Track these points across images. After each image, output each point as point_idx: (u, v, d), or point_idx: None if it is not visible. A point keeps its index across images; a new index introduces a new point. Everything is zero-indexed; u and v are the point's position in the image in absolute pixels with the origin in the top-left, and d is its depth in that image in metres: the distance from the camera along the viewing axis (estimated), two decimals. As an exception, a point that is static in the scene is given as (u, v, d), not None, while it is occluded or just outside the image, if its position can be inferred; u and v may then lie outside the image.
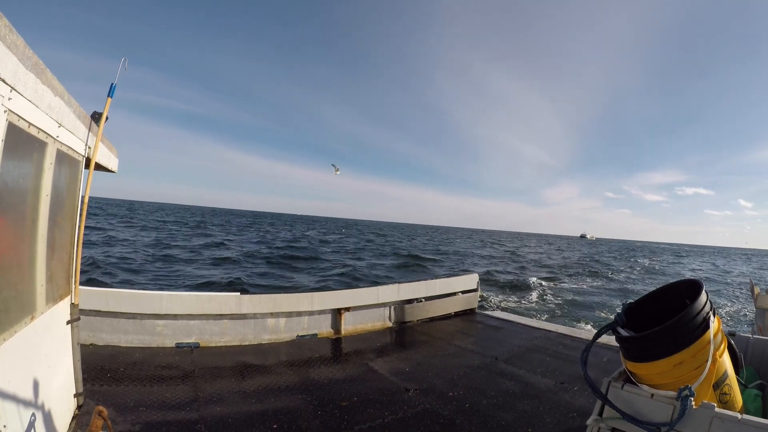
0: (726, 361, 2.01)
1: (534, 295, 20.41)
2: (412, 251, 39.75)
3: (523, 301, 18.93)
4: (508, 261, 38.82)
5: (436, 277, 8.85)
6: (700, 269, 44.57)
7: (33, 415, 2.19)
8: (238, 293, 5.88)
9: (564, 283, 25.95)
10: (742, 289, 27.59)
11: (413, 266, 29.63)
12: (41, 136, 2.21)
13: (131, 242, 29.28)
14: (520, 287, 22.61)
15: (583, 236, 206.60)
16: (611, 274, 33.26)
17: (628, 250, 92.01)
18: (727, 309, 20.02)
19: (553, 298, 19.95)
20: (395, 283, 7.60)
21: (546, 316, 16.14)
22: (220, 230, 52.56)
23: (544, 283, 24.72)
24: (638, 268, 40.33)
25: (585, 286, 25.34)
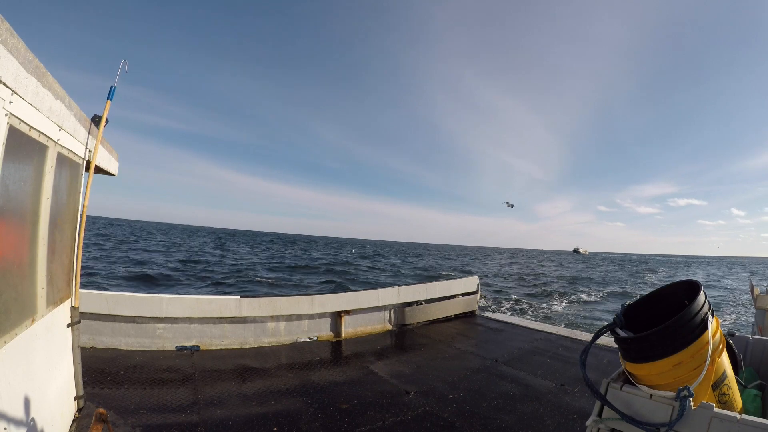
0: (725, 361, 2.01)
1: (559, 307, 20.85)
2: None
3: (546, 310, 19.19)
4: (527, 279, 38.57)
5: (436, 280, 8.84)
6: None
7: (33, 417, 2.19)
8: (238, 296, 5.89)
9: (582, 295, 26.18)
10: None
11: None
12: (42, 140, 2.22)
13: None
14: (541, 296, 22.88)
15: (576, 251, 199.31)
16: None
17: (633, 263, 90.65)
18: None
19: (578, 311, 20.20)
20: (395, 286, 7.59)
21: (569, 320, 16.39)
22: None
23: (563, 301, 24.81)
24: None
25: (598, 298, 25.64)
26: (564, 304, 22.52)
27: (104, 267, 23.52)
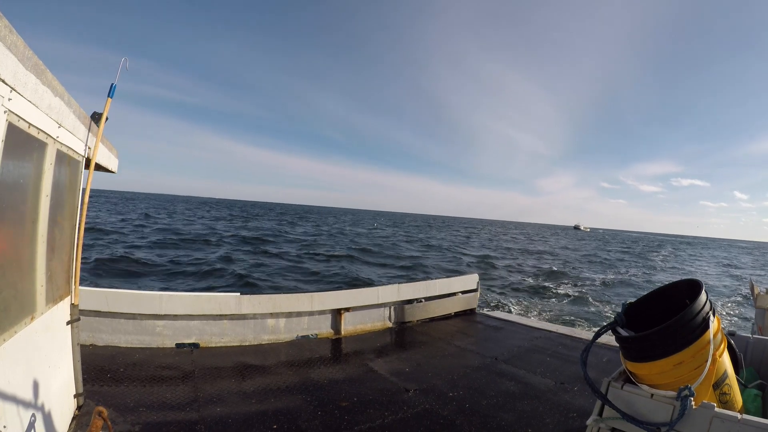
0: (726, 361, 2.01)
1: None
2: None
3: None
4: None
5: (436, 277, 8.84)
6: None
7: (33, 415, 2.19)
8: (238, 293, 5.88)
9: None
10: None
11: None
12: (41, 137, 2.21)
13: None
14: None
15: (576, 227, 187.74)
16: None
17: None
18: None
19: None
20: (395, 283, 7.60)
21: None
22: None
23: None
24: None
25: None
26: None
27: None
